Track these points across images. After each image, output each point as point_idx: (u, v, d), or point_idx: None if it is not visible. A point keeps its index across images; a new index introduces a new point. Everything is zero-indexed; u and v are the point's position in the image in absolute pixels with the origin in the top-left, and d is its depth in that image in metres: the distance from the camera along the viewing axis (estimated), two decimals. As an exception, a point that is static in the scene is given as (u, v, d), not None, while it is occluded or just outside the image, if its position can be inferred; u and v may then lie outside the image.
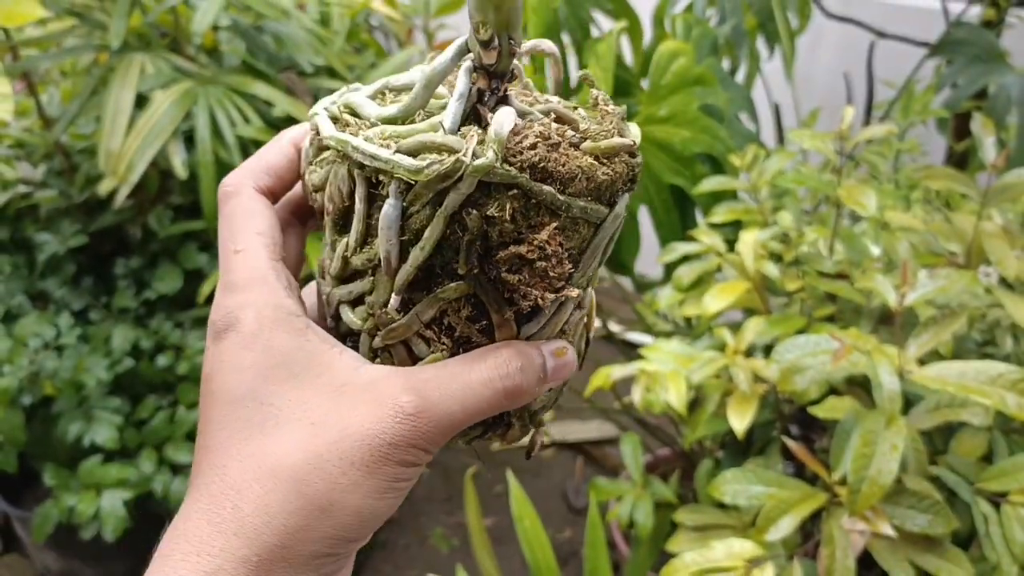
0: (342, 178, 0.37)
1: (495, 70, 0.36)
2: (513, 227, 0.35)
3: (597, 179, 0.35)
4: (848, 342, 0.80)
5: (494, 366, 0.36)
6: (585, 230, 0.37)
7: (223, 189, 0.40)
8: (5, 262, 1.62)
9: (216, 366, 0.35)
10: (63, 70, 1.86)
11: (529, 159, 0.34)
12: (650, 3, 1.69)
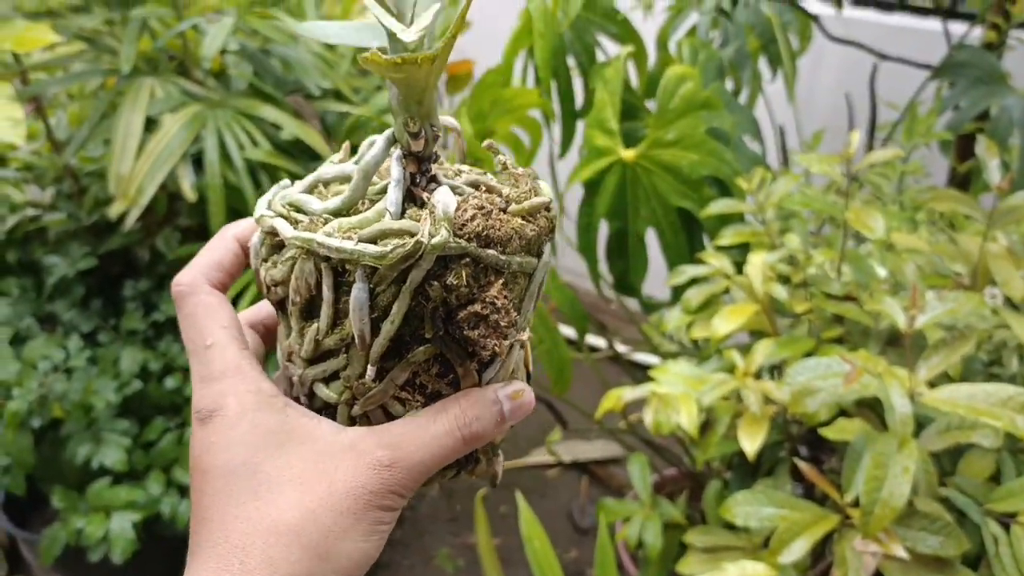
0: (309, 272, 0.40)
1: (422, 155, 0.42)
2: (467, 290, 0.39)
3: (527, 236, 0.41)
4: (859, 364, 0.80)
5: (454, 418, 0.41)
6: (523, 281, 0.42)
7: (178, 288, 0.43)
8: (13, 285, 1.63)
9: (206, 447, 0.39)
10: (70, 93, 1.88)
11: (473, 229, 0.39)
12: (653, 26, 1.71)
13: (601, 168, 1.24)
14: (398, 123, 0.41)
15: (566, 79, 1.48)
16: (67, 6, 1.54)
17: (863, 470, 0.81)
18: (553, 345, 1.18)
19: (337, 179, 0.44)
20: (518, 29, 1.45)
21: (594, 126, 1.23)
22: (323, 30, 0.43)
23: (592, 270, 1.34)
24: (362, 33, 0.42)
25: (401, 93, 0.40)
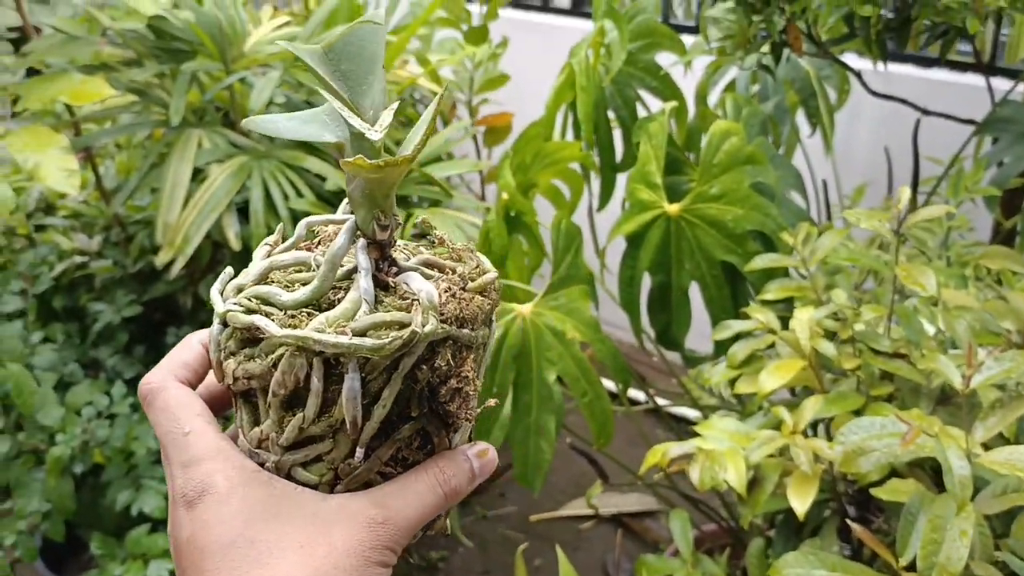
0: (299, 366, 0.40)
1: (385, 242, 0.44)
2: (447, 368, 0.42)
3: (485, 310, 0.44)
4: (915, 424, 0.79)
5: (435, 475, 0.44)
6: (482, 351, 0.45)
7: (147, 387, 0.44)
8: (59, 331, 1.66)
9: (198, 525, 0.39)
10: (118, 144, 1.92)
11: (451, 312, 0.42)
12: (692, 80, 1.73)
13: (645, 221, 1.24)
14: (363, 215, 0.42)
15: (607, 132, 1.49)
16: (120, 60, 1.58)
17: (919, 533, 0.79)
18: (596, 398, 1.17)
19: (293, 266, 0.45)
20: (560, 83, 1.46)
21: (638, 180, 1.23)
22: (273, 124, 0.42)
23: (635, 323, 1.34)
24: (312, 126, 0.42)
25: (369, 188, 0.41)
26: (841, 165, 1.95)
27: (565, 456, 2.18)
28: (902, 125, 1.75)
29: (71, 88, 1.33)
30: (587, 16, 2.64)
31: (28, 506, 1.48)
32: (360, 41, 0.41)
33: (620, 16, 1.38)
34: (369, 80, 0.41)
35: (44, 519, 1.50)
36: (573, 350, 1.18)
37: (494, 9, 2.14)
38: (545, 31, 2.66)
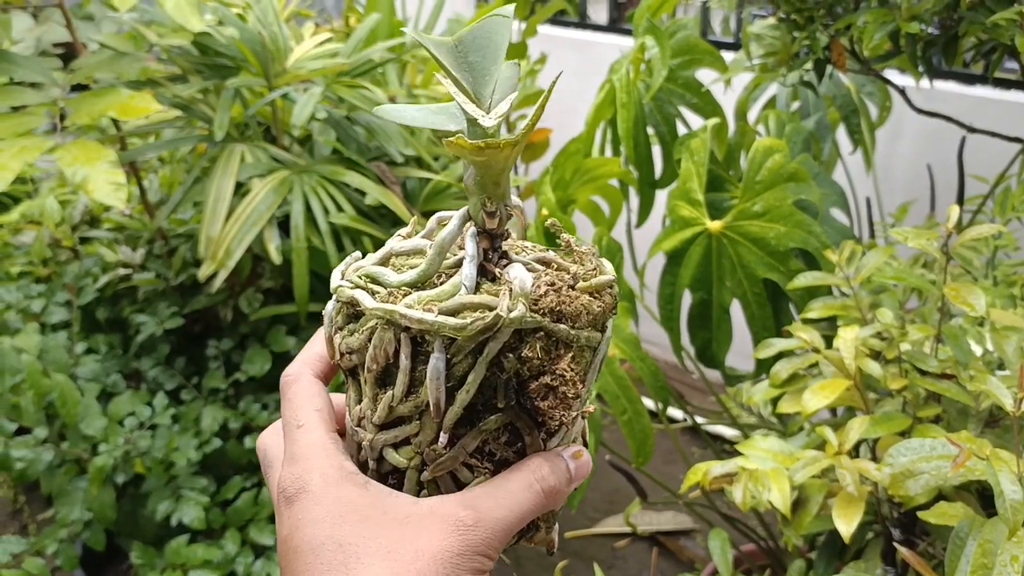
0: (388, 341, 0.41)
1: (495, 232, 0.44)
2: (539, 362, 0.41)
3: (593, 311, 0.43)
4: (965, 447, 0.78)
5: (529, 472, 0.42)
6: (588, 355, 0.44)
7: (286, 378, 0.46)
8: (101, 342, 1.68)
9: (294, 524, 0.39)
10: (161, 158, 1.95)
11: (547, 304, 0.41)
12: (730, 98, 1.72)
13: (686, 238, 1.24)
14: (474, 202, 0.43)
15: (646, 149, 1.49)
16: (165, 75, 1.60)
17: (968, 557, 0.78)
18: (635, 416, 1.17)
19: (410, 252, 0.46)
20: (601, 99, 1.47)
21: (679, 197, 1.23)
22: (402, 113, 0.44)
23: (674, 341, 1.33)
24: (440, 116, 0.44)
25: (479, 174, 0.42)
26: (882, 183, 1.93)
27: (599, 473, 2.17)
28: (944, 143, 1.74)
29: (119, 103, 1.35)
30: (624, 32, 2.64)
31: (70, 515, 1.50)
32: (488, 34, 0.42)
33: (661, 32, 1.38)
34: (492, 71, 0.42)
35: (85, 528, 1.51)
36: (613, 367, 1.18)
37: (533, 26, 2.15)
38: (582, 47, 2.67)
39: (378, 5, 1.93)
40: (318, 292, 1.66)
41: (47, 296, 1.76)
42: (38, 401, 1.48)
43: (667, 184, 1.55)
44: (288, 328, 1.68)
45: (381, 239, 1.59)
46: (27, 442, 1.51)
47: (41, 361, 1.54)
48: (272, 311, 1.64)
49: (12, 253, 1.90)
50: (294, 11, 1.99)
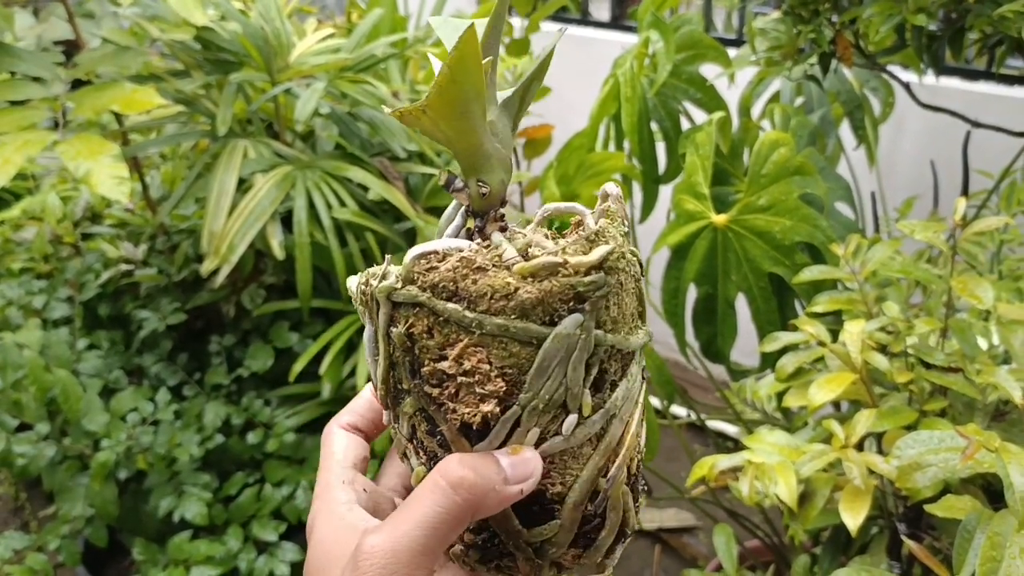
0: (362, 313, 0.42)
1: (475, 210, 0.42)
2: (433, 344, 0.38)
3: (518, 297, 0.37)
4: (974, 439, 0.78)
5: (438, 473, 0.38)
6: (518, 349, 0.38)
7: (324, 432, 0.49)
8: (104, 338, 1.68)
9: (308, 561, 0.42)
10: (163, 154, 1.94)
11: (432, 280, 0.38)
12: (734, 93, 1.72)
13: (691, 232, 1.23)
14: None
15: (650, 144, 1.48)
16: (168, 70, 1.60)
17: (977, 550, 0.78)
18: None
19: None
20: (604, 94, 1.46)
21: (684, 190, 1.23)
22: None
23: (679, 335, 1.32)
24: None
25: (452, 151, 0.42)
26: (885, 178, 1.93)
27: (602, 470, 2.16)
28: (947, 138, 1.73)
29: (122, 97, 1.34)
30: (626, 29, 2.64)
31: (72, 511, 1.49)
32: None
33: (666, 27, 1.37)
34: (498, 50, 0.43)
35: (87, 524, 1.51)
36: (618, 361, 1.17)
37: (535, 23, 2.14)
38: (585, 44, 2.67)
39: (380, 1, 1.93)
40: (321, 288, 1.66)
41: (49, 292, 1.76)
42: (40, 397, 1.48)
43: (671, 179, 1.54)
44: (291, 324, 1.67)
45: (384, 234, 1.58)
46: (29, 438, 1.50)
47: (43, 357, 1.53)
48: (275, 307, 1.64)
49: (14, 249, 1.90)
50: (297, 7, 1.99)
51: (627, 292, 0.40)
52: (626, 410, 0.41)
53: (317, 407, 1.62)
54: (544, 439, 0.39)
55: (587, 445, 0.40)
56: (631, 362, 0.41)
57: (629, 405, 0.41)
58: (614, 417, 0.40)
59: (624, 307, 0.40)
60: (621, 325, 0.40)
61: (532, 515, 0.41)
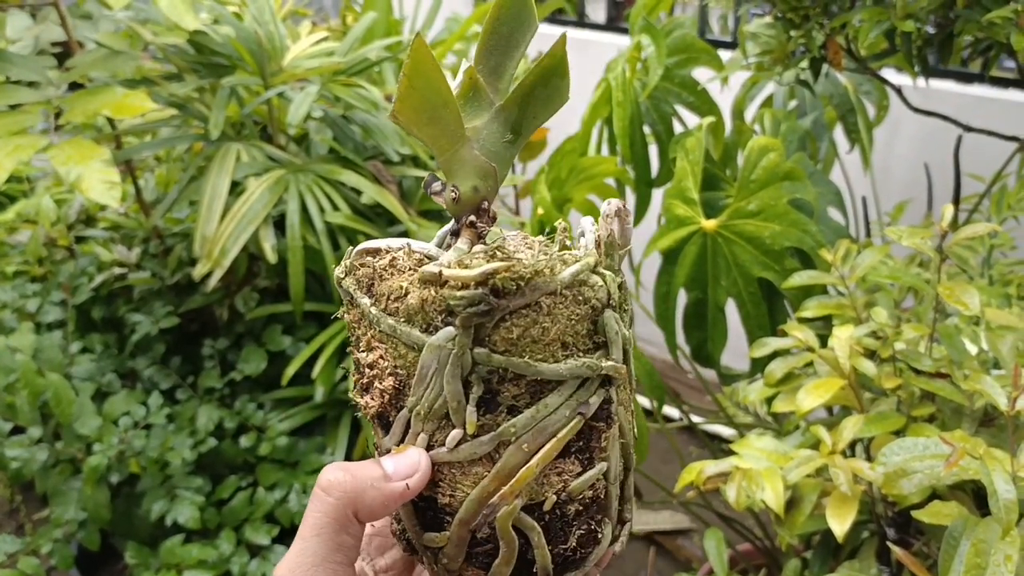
0: None
1: (452, 214, 0.44)
2: (360, 334, 0.41)
3: (407, 301, 0.39)
4: (958, 446, 0.78)
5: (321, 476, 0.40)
6: (405, 351, 0.39)
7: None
8: (97, 341, 1.68)
9: None
10: (157, 157, 1.94)
11: (362, 275, 0.41)
12: (727, 96, 1.72)
13: (681, 237, 1.23)
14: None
15: (642, 148, 1.49)
16: (161, 74, 1.60)
17: (962, 557, 0.78)
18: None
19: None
20: (597, 98, 1.46)
21: (675, 195, 1.23)
22: None
23: (670, 340, 1.33)
24: None
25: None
26: (879, 182, 1.93)
27: (597, 472, 2.16)
28: (941, 142, 1.73)
29: (114, 102, 1.34)
30: (622, 31, 2.64)
31: (64, 514, 1.49)
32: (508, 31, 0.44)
33: (657, 31, 1.38)
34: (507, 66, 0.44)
35: (80, 527, 1.51)
36: (608, 366, 1.17)
37: (530, 25, 2.14)
38: (580, 46, 2.67)
39: (375, 4, 1.93)
40: (314, 291, 1.66)
41: (42, 295, 1.76)
42: (33, 400, 1.48)
43: (663, 183, 1.54)
44: (284, 327, 1.68)
45: (377, 237, 1.58)
46: (22, 442, 1.51)
47: (36, 360, 1.53)
48: (268, 310, 1.64)
49: (7, 252, 1.90)
50: (291, 10, 1.99)
51: (556, 318, 0.39)
52: (530, 440, 0.39)
53: (310, 410, 1.62)
54: (432, 447, 0.40)
55: (479, 465, 0.40)
56: (547, 392, 0.39)
57: (537, 436, 0.39)
58: (508, 444, 0.39)
59: (546, 333, 0.39)
60: (529, 350, 0.39)
61: (427, 520, 0.42)
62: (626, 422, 0.43)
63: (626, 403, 0.43)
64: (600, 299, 0.40)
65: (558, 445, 0.39)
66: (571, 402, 0.40)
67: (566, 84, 0.43)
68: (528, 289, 0.38)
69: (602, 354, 0.40)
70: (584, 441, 0.41)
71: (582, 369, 0.39)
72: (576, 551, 0.41)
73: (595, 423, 0.41)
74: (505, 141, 0.44)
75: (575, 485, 0.40)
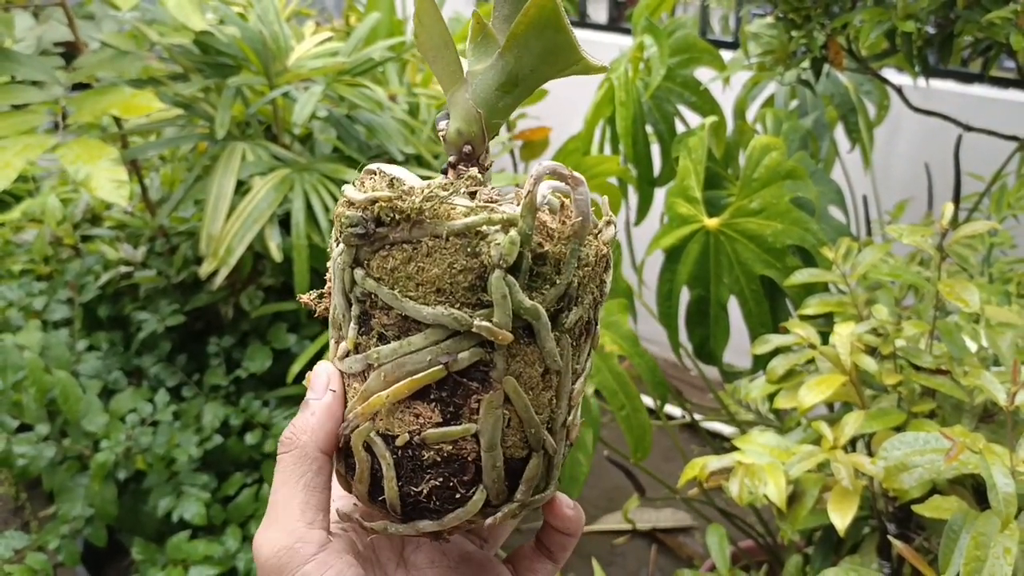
0: None
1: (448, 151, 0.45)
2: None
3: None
4: (958, 441, 0.79)
5: None
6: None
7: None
8: (103, 339, 1.69)
9: None
10: (163, 156, 1.96)
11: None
12: (729, 96, 1.73)
13: (684, 236, 1.24)
14: None
15: (645, 147, 1.50)
16: (166, 74, 1.61)
17: (962, 550, 0.79)
18: (633, 412, 1.18)
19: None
20: (599, 98, 1.47)
21: (677, 194, 1.24)
22: None
23: (672, 337, 1.34)
24: None
25: None
26: (880, 181, 1.94)
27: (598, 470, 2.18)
28: (942, 141, 1.74)
29: (121, 102, 1.35)
30: (623, 32, 2.65)
31: (71, 511, 1.50)
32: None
33: (660, 31, 1.39)
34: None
35: (87, 524, 1.52)
36: (611, 363, 1.18)
37: (532, 25, 2.15)
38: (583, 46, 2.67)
39: (378, 4, 1.94)
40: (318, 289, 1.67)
41: (49, 294, 1.77)
42: (40, 398, 1.49)
43: (666, 182, 1.55)
44: (289, 325, 1.69)
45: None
46: (29, 439, 1.52)
47: (43, 358, 1.55)
48: (273, 308, 1.65)
49: (14, 251, 1.91)
50: (295, 10, 2.00)
51: (436, 261, 0.39)
52: (390, 371, 0.40)
53: (315, 408, 1.63)
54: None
55: (357, 380, 0.43)
56: (414, 331, 0.40)
57: (396, 370, 0.40)
58: (372, 368, 0.41)
59: (422, 272, 0.40)
60: (402, 284, 0.40)
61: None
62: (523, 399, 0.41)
63: (531, 381, 0.42)
64: (492, 257, 0.39)
65: (412, 385, 0.40)
66: (435, 348, 0.40)
67: (564, 40, 0.42)
68: (411, 226, 0.39)
69: (485, 314, 0.39)
70: (448, 394, 0.41)
71: (446, 318, 0.39)
72: (431, 500, 0.42)
73: (465, 380, 0.40)
74: (498, 89, 0.44)
75: (430, 433, 0.41)
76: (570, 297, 0.42)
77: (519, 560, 0.49)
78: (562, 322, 0.42)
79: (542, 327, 0.40)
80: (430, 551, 0.48)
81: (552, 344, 0.41)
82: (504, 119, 0.45)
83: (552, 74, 0.44)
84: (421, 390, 0.40)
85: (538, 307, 0.40)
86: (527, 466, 0.43)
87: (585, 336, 0.44)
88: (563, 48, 0.42)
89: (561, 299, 0.41)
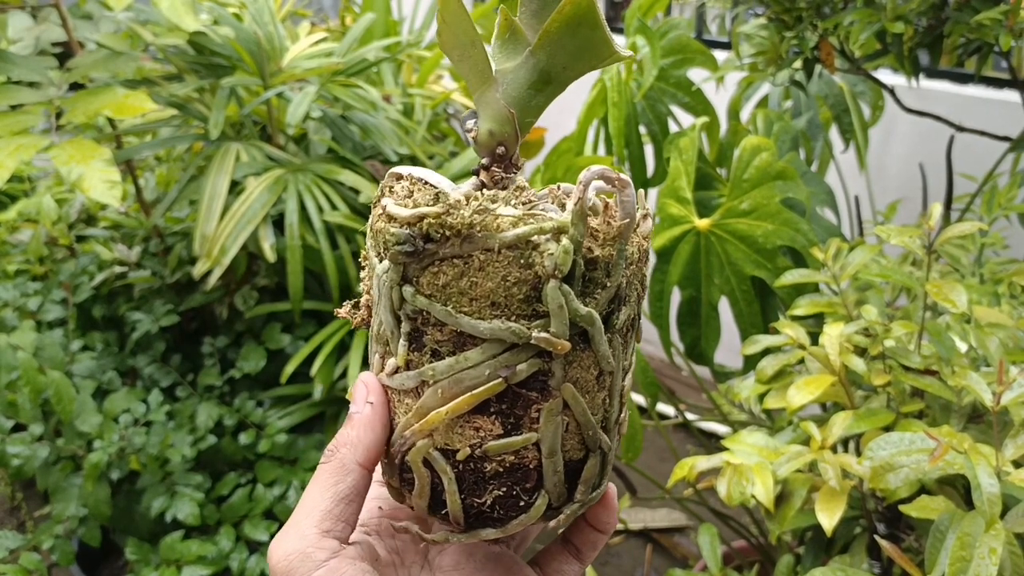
0: None
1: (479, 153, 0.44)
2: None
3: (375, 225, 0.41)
4: (944, 441, 0.79)
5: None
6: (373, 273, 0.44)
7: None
8: (98, 339, 1.69)
9: None
10: (158, 157, 1.96)
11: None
12: (724, 96, 1.73)
13: (675, 236, 1.25)
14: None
15: (638, 147, 1.50)
16: (161, 74, 1.61)
17: (948, 551, 0.79)
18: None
19: None
20: (592, 98, 1.47)
21: (668, 195, 1.24)
22: None
23: (664, 337, 1.34)
24: None
25: None
26: (875, 181, 1.94)
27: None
28: (936, 141, 1.75)
29: (115, 102, 1.36)
30: (619, 32, 2.65)
31: (65, 511, 1.51)
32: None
33: (652, 32, 1.39)
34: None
35: (80, 524, 1.53)
36: (602, 363, 1.18)
37: (527, 25, 2.16)
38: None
39: (374, 5, 1.94)
40: (312, 290, 1.67)
41: (43, 294, 1.77)
42: (34, 398, 1.49)
43: (659, 183, 1.55)
44: (283, 326, 1.69)
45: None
46: (23, 439, 1.52)
47: (37, 358, 1.55)
48: (267, 308, 1.65)
49: (9, 251, 1.91)
50: (290, 11, 2.00)
51: (489, 275, 0.39)
52: (447, 387, 0.40)
53: (309, 408, 1.64)
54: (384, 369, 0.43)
55: (409, 396, 0.42)
56: (470, 346, 0.40)
57: (453, 386, 0.40)
58: (427, 385, 0.41)
59: (475, 287, 0.39)
60: (455, 300, 0.39)
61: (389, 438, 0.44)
62: (581, 404, 0.41)
63: (587, 385, 0.41)
64: (546, 267, 0.38)
65: (471, 400, 0.40)
66: (493, 362, 0.39)
67: (600, 37, 0.41)
68: (462, 241, 0.38)
69: (542, 324, 0.39)
70: (508, 406, 0.40)
71: (504, 332, 0.39)
72: (494, 509, 0.42)
73: (525, 391, 0.40)
74: (530, 88, 0.42)
75: (492, 445, 0.40)
76: (620, 298, 0.41)
77: (546, 561, 0.49)
78: (613, 323, 0.41)
79: (596, 332, 0.40)
80: (455, 553, 0.48)
81: (606, 347, 0.41)
82: (536, 118, 0.44)
83: (585, 70, 0.43)
84: (480, 404, 0.40)
85: (593, 313, 0.40)
86: (584, 466, 0.43)
87: (631, 332, 0.44)
88: (598, 44, 0.41)
89: (612, 301, 0.41)
